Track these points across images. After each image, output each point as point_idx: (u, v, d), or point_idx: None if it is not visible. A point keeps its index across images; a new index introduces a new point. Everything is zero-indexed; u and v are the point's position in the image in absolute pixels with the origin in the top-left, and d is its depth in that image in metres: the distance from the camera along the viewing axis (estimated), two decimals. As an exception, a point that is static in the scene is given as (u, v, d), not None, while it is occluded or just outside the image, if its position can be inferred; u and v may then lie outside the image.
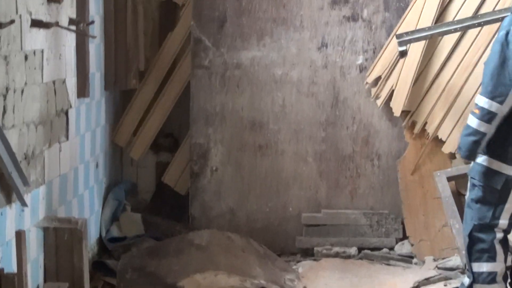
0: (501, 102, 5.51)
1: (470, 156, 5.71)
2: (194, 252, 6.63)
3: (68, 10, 5.89)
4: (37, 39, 5.20)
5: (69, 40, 6.00)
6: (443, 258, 7.04)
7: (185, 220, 7.55)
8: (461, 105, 7.20)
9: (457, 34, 7.15)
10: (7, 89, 4.66)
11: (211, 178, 7.43)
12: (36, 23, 5.10)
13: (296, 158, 7.42)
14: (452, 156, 7.28)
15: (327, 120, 7.39)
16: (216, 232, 7.04)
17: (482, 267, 5.74)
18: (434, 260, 7.04)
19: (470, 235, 5.76)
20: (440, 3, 7.17)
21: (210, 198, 7.43)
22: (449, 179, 7.07)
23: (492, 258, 5.72)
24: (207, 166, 7.43)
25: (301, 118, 7.39)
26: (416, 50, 7.16)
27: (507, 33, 5.54)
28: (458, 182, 7.15)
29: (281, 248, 7.34)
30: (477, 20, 6.99)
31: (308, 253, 7.29)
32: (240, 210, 7.43)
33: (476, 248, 5.76)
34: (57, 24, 5.40)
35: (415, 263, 7.06)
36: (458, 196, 7.14)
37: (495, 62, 5.54)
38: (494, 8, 7.15)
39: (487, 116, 5.54)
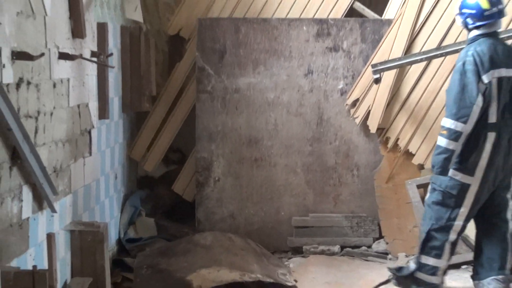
0: (465, 122, 5.59)
1: (443, 172, 5.73)
2: (200, 251, 6.62)
3: (90, 44, 5.90)
4: (63, 69, 5.21)
5: (91, 69, 6.01)
6: (413, 254, 7.03)
7: (192, 223, 7.55)
8: (428, 123, 7.22)
9: (424, 63, 7.18)
10: (38, 112, 4.68)
11: (214, 187, 7.43)
12: (63, 56, 5.11)
13: (287, 169, 7.43)
14: (421, 167, 7.29)
15: (313, 137, 7.40)
16: (218, 233, 7.04)
17: (429, 260, 5.87)
18: (406, 256, 7.02)
19: (428, 232, 5.85)
20: (409, 37, 7.20)
21: (213, 204, 7.43)
22: (419, 186, 7.09)
23: (439, 256, 5.85)
24: (210, 177, 7.43)
25: (291, 135, 7.40)
26: (389, 76, 7.19)
27: (463, 63, 5.65)
28: (426, 189, 7.17)
29: (274, 247, 7.32)
30: (441, 51, 7.03)
31: (298, 251, 7.27)
32: (239, 215, 7.43)
33: (429, 244, 5.87)
34: (81, 56, 5.40)
35: (390, 259, 7.06)
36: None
37: (456, 88, 5.64)
38: (455, 40, 7.19)
39: (454, 135, 5.62)
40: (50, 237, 4.42)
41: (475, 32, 5.80)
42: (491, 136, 5.69)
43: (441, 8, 7.26)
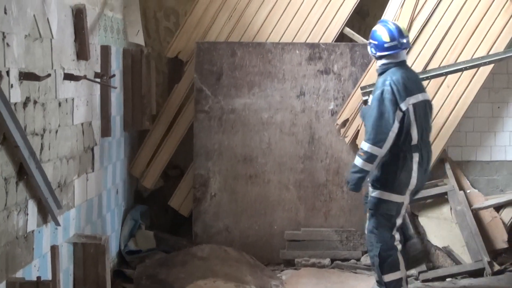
0: (380, 147, 5.86)
1: (356, 189, 6.04)
2: (197, 263, 6.62)
3: (94, 66, 5.92)
4: (68, 89, 5.22)
5: (95, 90, 6.02)
6: (400, 268, 7.05)
7: (189, 236, 7.54)
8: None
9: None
10: (44, 130, 4.69)
11: (210, 202, 7.42)
12: (68, 76, 5.12)
13: (280, 185, 7.43)
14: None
15: (305, 155, 7.41)
16: (214, 246, 7.04)
17: (391, 276, 5.99)
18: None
19: (379, 255, 5.97)
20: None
21: (210, 218, 7.42)
22: (405, 202, 7.12)
23: (397, 268, 5.98)
24: (207, 193, 7.43)
25: (284, 153, 7.40)
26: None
27: (382, 92, 5.90)
28: (411, 205, 7.18)
29: (268, 259, 7.29)
30: (425, 74, 7.06)
31: (290, 264, 7.25)
32: (235, 228, 7.41)
33: (385, 264, 6.00)
34: (85, 77, 5.41)
35: (378, 272, 7.05)
36: (412, 216, 7.16)
37: (375, 116, 5.91)
38: (440, 64, 7.22)
39: (370, 158, 5.88)
40: (54, 249, 4.42)
41: (382, 61, 6.11)
42: (416, 157, 5.94)
43: (426, 33, 7.29)
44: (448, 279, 6.75)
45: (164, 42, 8.04)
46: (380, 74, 6.13)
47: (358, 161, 5.95)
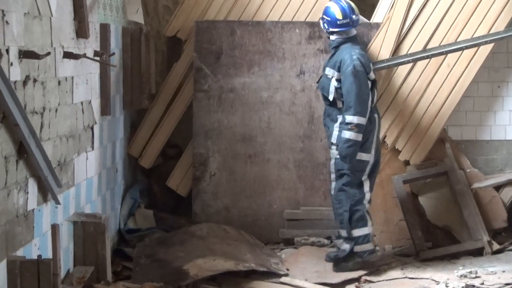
0: (365, 116, 6.35)
1: (352, 160, 6.39)
2: (196, 242, 6.65)
3: (93, 44, 5.91)
4: (68, 68, 5.22)
5: (94, 68, 6.02)
6: (400, 246, 7.06)
7: (188, 215, 7.55)
8: (415, 122, 7.24)
9: (410, 64, 7.19)
10: (44, 109, 4.69)
11: (210, 182, 7.43)
12: (67, 55, 5.12)
13: (279, 165, 7.43)
14: (406, 163, 7.30)
15: (304, 134, 7.40)
16: (213, 225, 7.06)
17: (360, 231, 6.42)
18: (393, 248, 7.06)
19: (350, 209, 6.43)
20: (396, 39, 7.20)
21: (209, 198, 7.42)
22: (404, 182, 7.13)
23: (366, 224, 6.44)
24: (206, 172, 7.43)
25: (283, 132, 7.40)
26: (376, 76, 7.18)
27: (354, 67, 6.36)
28: (411, 184, 7.21)
29: (267, 238, 7.30)
30: (426, 53, 7.07)
31: (289, 243, 7.26)
32: (234, 208, 7.42)
33: (354, 218, 6.42)
34: (84, 55, 5.41)
35: (377, 250, 7.05)
36: (411, 196, 7.18)
37: (355, 90, 6.34)
38: (440, 43, 7.20)
39: (360, 129, 6.33)
40: (54, 228, 4.44)
41: (334, 36, 6.59)
42: (376, 118, 6.51)
43: (427, 12, 7.26)
44: (447, 258, 6.76)
45: (163, 20, 8.02)
46: (334, 48, 6.60)
47: (352, 135, 6.33)
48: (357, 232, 6.44)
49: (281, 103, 7.41)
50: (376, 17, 7.44)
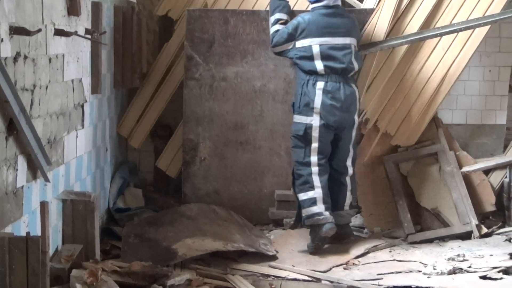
0: (278, 43, 6.75)
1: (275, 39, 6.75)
2: (185, 222, 6.67)
3: (84, 22, 5.92)
4: (59, 45, 5.23)
5: (85, 46, 6.03)
6: (388, 229, 7.11)
7: (178, 196, 7.58)
8: (406, 107, 7.25)
9: (404, 48, 7.20)
10: (34, 86, 4.71)
11: (200, 166, 7.43)
12: (59, 32, 5.13)
13: (271, 152, 7.43)
14: (398, 147, 7.33)
15: (297, 122, 7.42)
16: (203, 205, 7.08)
17: (305, 195, 6.58)
18: (382, 230, 7.10)
19: (293, 173, 6.71)
20: (390, 21, 7.20)
21: (199, 181, 7.43)
22: (395, 162, 7.17)
23: (312, 188, 6.56)
24: (196, 157, 7.43)
25: (276, 120, 7.39)
26: (370, 60, 7.22)
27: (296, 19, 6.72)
28: (401, 166, 7.23)
29: (256, 220, 7.31)
30: (420, 35, 7.07)
31: (279, 224, 7.29)
32: (224, 192, 7.43)
33: (298, 182, 6.62)
34: (75, 33, 5.42)
35: (366, 233, 7.11)
36: (401, 177, 7.22)
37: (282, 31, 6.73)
38: (435, 25, 7.21)
39: (277, 39, 6.73)
40: (43, 205, 4.45)
41: (313, 5, 6.76)
42: (318, 84, 6.58)
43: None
44: (436, 241, 6.81)
45: (155, -1, 8.02)
46: None
47: (274, 28, 6.86)
48: (303, 196, 6.57)
49: (274, 92, 7.42)
50: (368, 2, 7.45)
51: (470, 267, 5.98)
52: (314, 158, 6.58)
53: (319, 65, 6.58)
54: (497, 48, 7.68)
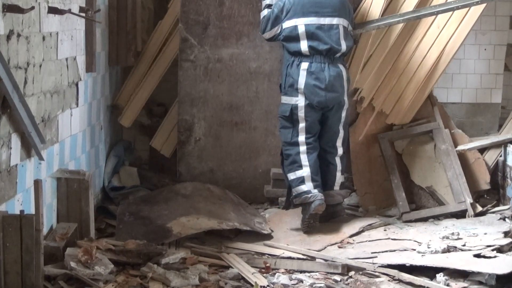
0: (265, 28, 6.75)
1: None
2: (180, 200, 6.69)
3: (79, 0, 5.90)
4: (53, 23, 5.22)
5: (79, 24, 6.01)
6: (383, 208, 7.13)
7: (173, 174, 7.59)
8: (401, 85, 7.24)
9: (400, 27, 7.19)
10: (28, 64, 4.70)
11: (195, 146, 7.44)
12: (52, 10, 5.11)
13: (266, 132, 7.44)
14: (393, 126, 7.33)
15: (293, 102, 7.42)
16: (198, 184, 7.11)
17: (293, 175, 6.61)
18: (376, 209, 7.12)
19: (281, 154, 6.77)
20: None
21: (194, 160, 7.45)
22: (390, 140, 7.18)
23: (300, 167, 6.60)
24: (191, 137, 7.44)
25: (271, 101, 7.38)
26: (365, 38, 7.20)
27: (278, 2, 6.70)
28: (396, 143, 7.24)
29: (251, 199, 7.34)
30: (416, 13, 7.05)
31: (274, 203, 7.32)
32: (219, 171, 7.45)
33: (287, 162, 6.68)
34: (69, 11, 5.40)
35: (361, 212, 7.13)
36: (396, 156, 7.23)
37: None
38: (430, 3, 7.20)
39: (264, 20, 6.74)
40: (37, 183, 4.46)
41: None
42: (303, 64, 6.58)
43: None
44: (430, 220, 6.83)
45: (150, -24, 7.99)
46: None
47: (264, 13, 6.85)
48: (292, 176, 6.60)
49: (270, 73, 7.43)
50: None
51: (464, 245, 6.00)
52: (301, 138, 6.61)
53: (303, 45, 6.56)
54: (493, 26, 7.67)
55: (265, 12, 6.75)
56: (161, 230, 6.05)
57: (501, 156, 7.19)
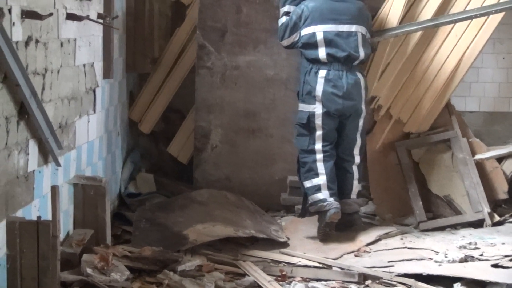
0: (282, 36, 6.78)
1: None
2: (196, 207, 6.68)
3: (96, 6, 5.92)
4: (71, 29, 5.23)
5: (97, 31, 6.02)
6: (400, 216, 7.10)
7: (189, 181, 7.59)
8: (419, 94, 7.22)
9: (418, 35, 7.16)
10: (45, 70, 4.71)
11: (211, 153, 7.44)
12: (70, 16, 5.12)
13: (282, 139, 7.42)
14: (410, 134, 7.30)
15: (310, 110, 7.41)
16: (214, 191, 7.09)
17: (310, 183, 6.61)
18: (393, 218, 7.09)
19: (298, 161, 6.78)
20: (404, 7, 7.16)
21: (210, 167, 7.44)
22: (407, 148, 7.15)
23: (316, 175, 6.59)
24: (208, 144, 7.44)
25: (288, 109, 7.34)
26: (383, 46, 7.18)
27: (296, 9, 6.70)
28: (413, 152, 7.21)
29: (267, 206, 7.32)
30: (434, 22, 7.02)
31: (290, 210, 7.30)
32: (235, 178, 7.43)
33: (303, 170, 6.67)
34: (87, 17, 5.42)
35: (377, 220, 7.10)
36: (413, 164, 7.20)
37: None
38: (448, 12, 7.17)
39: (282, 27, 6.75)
40: (54, 189, 4.46)
41: None
42: (320, 72, 6.59)
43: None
44: (448, 229, 6.79)
45: (167, -16, 8.00)
46: None
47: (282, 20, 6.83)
48: (308, 184, 6.61)
49: (287, 80, 7.41)
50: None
51: (481, 255, 5.97)
52: (318, 145, 6.59)
53: (322, 52, 6.56)
54: (511, 35, 7.63)
55: (283, 19, 6.75)
56: (177, 237, 6.04)
57: (519, 165, 7.16)
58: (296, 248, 6.26)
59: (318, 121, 6.58)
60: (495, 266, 5.73)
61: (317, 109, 6.57)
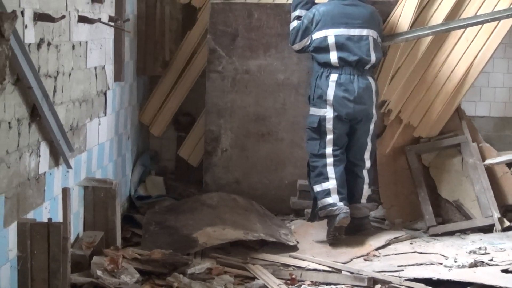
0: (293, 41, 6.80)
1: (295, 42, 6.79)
2: (206, 210, 6.69)
3: (108, 9, 5.94)
4: (82, 32, 5.25)
5: (109, 34, 6.04)
6: (409, 221, 7.08)
7: (199, 184, 7.60)
8: (429, 98, 7.21)
9: (428, 39, 7.16)
10: (57, 72, 4.73)
11: (221, 156, 7.44)
12: (82, 19, 5.15)
13: (292, 144, 7.41)
14: (420, 138, 7.29)
15: (320, 114, 7.40)
16: (224, 194, 7.10)
17: (319, 187, 6.60)
18: (402, 222, 7.08)
19: (308, 165, 6.76)
20: (415, 11, 7.16)
21: (220, 171, 7.44)
22: (418, 153, 7.14)
23: (326, 179, 6.58)
24: (218, 147, 7.44)
25: (298, 113, 7.35)
26: (394, 50, 7.18)
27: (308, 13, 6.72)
28: (423, 157, 7.21)
29: (276, 210, 7.32)
30: (445, 26, 7.02)
31: (299, 214, 7.29)
32: (244, 181, 7.43)
33: (313, 174, 6.66)
34: (99, 20, 5.44)
35: (387, 225, 7.09)
36: (423, 169, 7.19)
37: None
38: (459, 16, 7.17)
39: (293, 31, 6.78)
40: (65, 191, 4.49)
41: None
42: (331, 76, 6.59)
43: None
44: (457, 234, 6.78)
45: (178, -13, 8.01)
46: None
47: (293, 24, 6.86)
48: (318, 188, 6.59)
49: (297, 85, 7.40)
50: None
51: (491, 260, 5.96)
52: (329, 150, 6.60)
53: (333, 56, 6.56)
54: (522, 39, 7.63)
55: (294, 23, 6.76)
56: (187, 240, 6.05)
57: (529, 170, 7.15)
58: (305, 252, 6.26)
59: (329, 125, 6.58)
60: (505, 271, 5.72)
61: (328, 113, 6.57)
